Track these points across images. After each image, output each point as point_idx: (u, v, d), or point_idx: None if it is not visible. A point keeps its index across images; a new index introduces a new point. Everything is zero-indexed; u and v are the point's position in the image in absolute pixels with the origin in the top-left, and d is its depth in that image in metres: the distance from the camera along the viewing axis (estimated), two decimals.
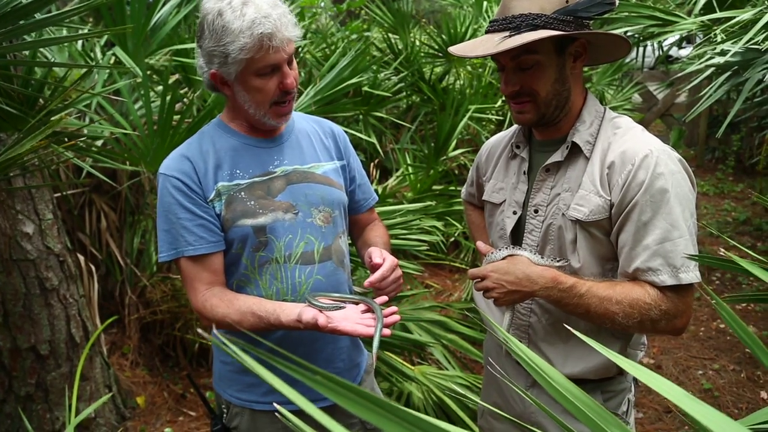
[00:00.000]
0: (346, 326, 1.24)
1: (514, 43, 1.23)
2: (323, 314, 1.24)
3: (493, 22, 1.33)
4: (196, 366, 3.34)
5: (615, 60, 1.50)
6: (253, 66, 1.32)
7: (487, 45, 1.28)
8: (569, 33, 1.27)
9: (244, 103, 1.39)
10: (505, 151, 1.58)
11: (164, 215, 1.41)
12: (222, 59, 1.31)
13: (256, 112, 1.40)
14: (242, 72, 1.33)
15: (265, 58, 1.31)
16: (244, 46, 1.28)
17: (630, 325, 1.28)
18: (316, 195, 1.49)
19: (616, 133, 1.35)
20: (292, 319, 1.28)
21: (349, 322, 1.26)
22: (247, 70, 1.33)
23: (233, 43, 1.28)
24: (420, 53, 4.95)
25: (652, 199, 1.26)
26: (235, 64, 1.31)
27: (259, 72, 1.33)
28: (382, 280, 1.37)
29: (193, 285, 1.43)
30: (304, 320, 1.24)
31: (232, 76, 1.34)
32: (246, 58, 1.29)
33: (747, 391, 3.29)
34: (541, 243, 1.43)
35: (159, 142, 2.63)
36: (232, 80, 1.36)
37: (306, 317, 1.24)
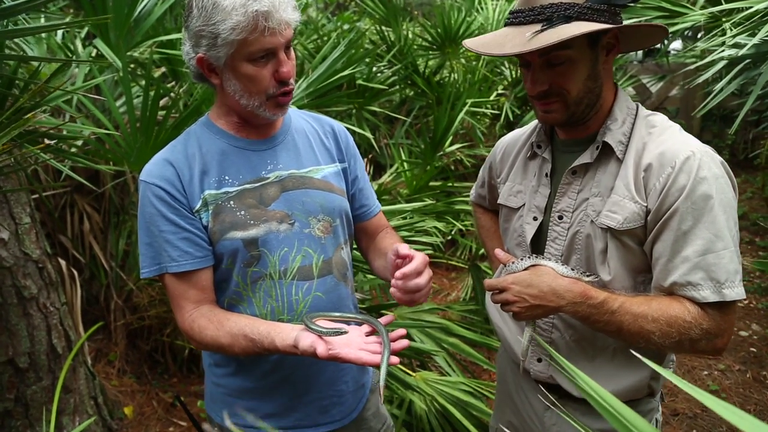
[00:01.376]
0: (349, 353, 1.10)
1: (552, 40, 1.09)
2: (322, 341, 1.10)
3: (517, 12, 1.19)
4: (187, 372, 3.20)
5: (644, 48, 1.37)
6: (246, 49, 1.17)
7: (516, 41, 1.14)
8: (609, 27, 1.14)
9: (234, 94, 1.24)
10: (523, 151, 1.46)
11: (145, 227, 1.27)
12: (211, 41, 1.17)
13: (249, 103, 1.24)
14: (233, 56, 1.18)
15: (260, 41, 1.16)
16: (237, 26, 1.13)
17: (666, 345, 1.16)
18: (315, 203, 1.34)
19: (652, 132, 1.23)
20: (288, 344, 1.15)
21: (351, 349, 1.11)
22: (239, 54, 1.18)
23: (224, 22, 1.13)
24: (413, 46, 4.81)
25: (693, 206, 1.14)
26: (225, 46, 1.16)
27: (252, 56, 1.18)
28: (416, 275, 1.18)
29: (178, 303, 1.28)
30: (301, 348, 1.10)
31: (221, 60, 1.19)
32: (238, 39, 1.14)
33: (754, 392, 3.21)
34: (566, 252, 1.30)
35: (143, 140, 2.48)
36: (221, 66, 1.21)
37: (303, 344, 1.10)
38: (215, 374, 1.41)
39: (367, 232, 1.55)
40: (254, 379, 1.36)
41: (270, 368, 1.34)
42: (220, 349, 1.24)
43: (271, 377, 1.35)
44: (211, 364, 1.42)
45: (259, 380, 1.35)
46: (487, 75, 5.31)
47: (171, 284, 1.28)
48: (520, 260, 1.25)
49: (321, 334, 1.11)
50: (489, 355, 3.53)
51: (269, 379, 1.35)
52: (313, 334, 1.11)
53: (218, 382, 1.41)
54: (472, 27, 4.96)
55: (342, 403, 1.42)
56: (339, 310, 1.37)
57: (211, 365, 1.42)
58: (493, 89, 5.23)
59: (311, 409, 1.38)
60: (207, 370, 1.45)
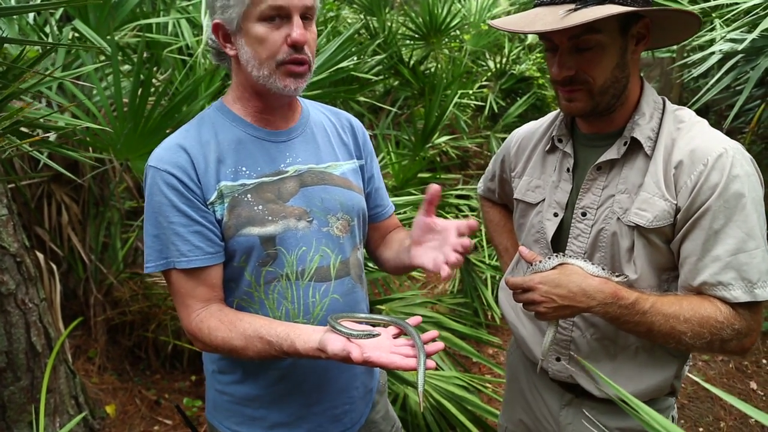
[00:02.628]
0: (381, 357, 1.00)
1: (585, 19, 1.04)
2: (354, 343, 1.02)
3: None
4: (170, 368, 3.10)
5: (676, 43, 1.34)
6: (257, 8, 1.09)
7: (548, 19, 1.10)
8: (643, 9, 1.10)
9: (246, 64, 1.15)
10: (541, 144, 1.41)
11: (153, 217, 1.17)
12: (224, 1, 1.10)
13: (259, 74, 1.14)
14: (245, 16, 1.10)
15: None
16: None
17: (697, 345, 1.13)
18: (334, 200, 1.27)
19: (680, 128, 1.20)
20: (311, 347, 1.06)
21: (382, 352, 1.02)
22: (251, 14, 1.10)
23: None
24: (397, 35, 4.75)
25: (726, 204, 1.11)
26: (238, 5, 1.09)
27: (263, 15, 1.09)
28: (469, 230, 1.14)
29: (185, 302, 1.19)
30: (331, 352, 1.00)
31: (234, 23, 1.11)
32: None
33: (737, 382, 3.27)
34: (590, 250, 1.27)
35: (131, 127, 2.37)
36: (234, 30, 1.13)
37: (334, 347, 1.00)
38: (219, 381, 1.33)
39: (380, 232, 1.48)
40: (263, 386, 1.28)
41: (280, 375, 1.26)
42: (232, 352, 1.16)
43: (282, 385, 1.27)
44: (215, 371, 1.33)
45: (268, 388, 1.28)
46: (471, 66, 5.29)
47: (178, 281, 1.19)
48: (548, 259, 1.20)
49: (350, 336, 1.03)
50: (478, 348, 3.51)
51: (279, 386, 1.27)
52: (342, 337, 1.03)
53: (223, 389, 1.32)
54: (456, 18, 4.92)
55: (353, 410, 1.35)
56: (355, 312, 1.30)
57: (215, 372, 1.33)
58: (477, 81, 5.21)
59: (323, 419, 1.31)
60: (210, 377, 1.37)
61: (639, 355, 1.27)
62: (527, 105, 5.02)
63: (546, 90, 5.25)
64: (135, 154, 2.50)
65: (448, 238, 1.15)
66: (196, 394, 2.95)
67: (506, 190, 1.59)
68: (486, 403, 2.66)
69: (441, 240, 1.18)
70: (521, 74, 5.24)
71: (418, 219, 1.20)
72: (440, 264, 1.12)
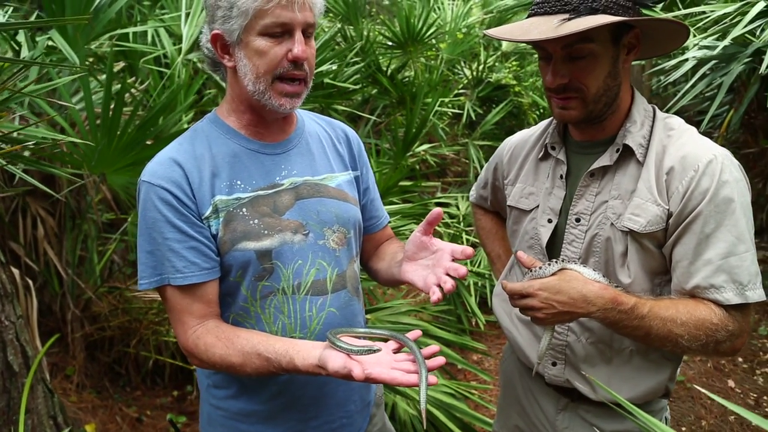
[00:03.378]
0: (382, 373, 0.98)
1: (579, 27, 1.07)
2: (355, 361, 0.99)
3: (543, 3, 1.17)
4: (151, 384, 3.04)
5: (665, 53, 1.37)
6: (261, 21, 1.09)
7: (543, 28, 1.12)
8: (634, 19, 1.12)
9: (244, 77, 1.14)
10: (534, 152, 1.43)
11: (147, 233, 1.15)
12: (226, 12, 1.09)
13: (255, 89, 1.14)
14: (247, 29, 1.10)
15: (275, 13, 1.08)
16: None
17: (693, 347, 1.15)
18: (330, 212, 1.26)
19: (671, 135, 1.23)
20: (310, 363, 1.04)
21: (383, 368, 1.00)
22: (253, 27, 1.09)
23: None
24: (375, 44, 4.76)
25: (717, 209, 1.14)
26: (240, 16, 1.08)
27: (266, 30, 1.09)
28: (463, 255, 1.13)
29: (181, 319, 1.17)
30: (332, 369, 0.99)
31: (234, 34, 1.11)
32: (254, 6, 1.07)
33: (716, 380, 3.35)
34: (584, 255, 1.28)
35: (105, 142, 2.31)
36: (234, 42, 1.12)
37: (334, 365, 0.98)
38: (215, 396, 1.30)
39: (374, 243, 1.47)
40: (259, 401, 1.26)
41: (277, 390, 1.24)
42: (230, 368, 1.14)
43: (279, 400, 1.25)
44: (210, 385, 1.30)
45: (265, 403, 1.26)
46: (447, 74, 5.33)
47: (173, 297, 1.17)
48: (547, 265, 1.20)
49: (350, 352, 1.01)
50: (463, 354, 3.52)
51: (276, 401, 1.25)
52: (342, 354, 1.01)
53: (218, 404, 1.30)
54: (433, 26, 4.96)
55: (351, 423, 1.34)
56: (352, 325, 1.29)
57: (210, 386, 1.31)
58: (454, 89, 5.26)
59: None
60: (204, 392, 1.34)
61: (634, 358, 1.29)
62: (504, 112, 5.08)
63: (522, 98, 5.33)
64: (111, 169, 2.45)
65: (442, 259, 1.14)
66: (179, 410, 2.89)
67: (499, 197, 1.60)
68: (473, 409, 2.67)
69: (434, 260, 1.17)
70: (498, 82, 5.30)
71: (415, 236, 1.20)
72: (430, 285, 1.11)
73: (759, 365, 3.54)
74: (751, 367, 3.53)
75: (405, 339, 1.09)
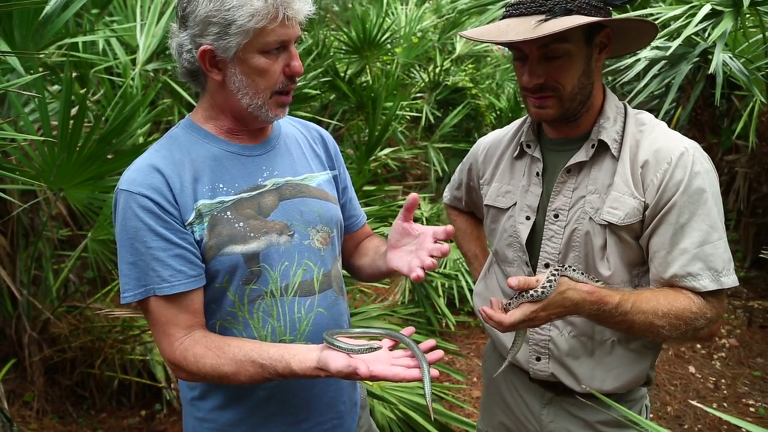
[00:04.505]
0: (384, 370, 0.98)
1: (556, 28, 1.09)
2: (357, 359, 0.99)
3: (518, 4, 1.19)
4: (117, 405, 2.92)
5: (635, 50, 1.42)
6: (261, 39, 1.07)
7: (520, 29, 1.14)
8: (608, 20, 1.16)
9: (237, 92, 1.13)
10: (509, 150, 1.45)
11: (129, 244, 1.11)
12: (222, 29, 1.06)
13: (252, 102, 1.13)
14: (246, 47, 1.08)
15: (276, 31, 1.07)
16: (256, 12, 1.04)
17: (674, 336, 1.18)
18: (313, 212, 1.25)
19: (642, 130, 1.27)
20: (309, 366, 1.03)
21: (384, 365, 1.01)
22: (253, 45, 1.08)
23: (242, 8, 1.03)
24: (332, 49, 4.75)
25: (690, 199, 1.18)
26: (239, 35, 1.06)
27: (266, 48, 1.09)
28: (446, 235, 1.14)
29: (166, 331, 1.13)
30: (335, 369, 0.98)
31: (230, 52, 1.08)
32: (256, 27, 1.05)
33: (678, 367, 3.47)
34: (564, 250, 1.31)
35: (65, 156, 2.22)
36: (229, 59, 1.10)
37: (337, 365, 0.97)
38: (200, 409, 1.26)
39: (354, 241, 1.48)
40: (249, 408, 1.23)
41: (267, 395, 1.22)
42: (222, 379, 1.11)
43: (269, 405, 1.23)
44: (194, 398, 1.26)
45: (254, 410, 1.23)
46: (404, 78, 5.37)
47: (158, 309, 1.13)
48: (541, 288, 1.11)
49: (351, 352, 1.00)
50: None
51: (266, 406, 1.23)
52: (343, 354, 1.00)
53: (204, 416, 1.26)
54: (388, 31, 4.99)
55: (341, 424, 1.33)
56: (339, 324, 1.28)
57: (194, 399, 1.27)
58: (411, 93, 5.30)
59: None
60: (188, 405, 1.30)
61: (615, 349, 1.32)
62: (462, 115, 5.15)
63: (479, 100, 5.41)
64: (70, 184, 2.35)
65: (424, 242, 1.16)
66: (148, 430, 2.80)
67: (473, 197, 1.61)
68: (448, 409, 2.68)
69: (417, 244, 1.18)
70: (454, 85, 5.37)
71: (397, 224, 1.21)
72: (414, 268, 1.13)
73: (716, 350, 3.69)
74: (708, 352, 3.67)
75: (401, 336, 1.10)
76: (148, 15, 2.98)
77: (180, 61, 1.16)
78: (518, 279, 1.12)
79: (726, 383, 3.35)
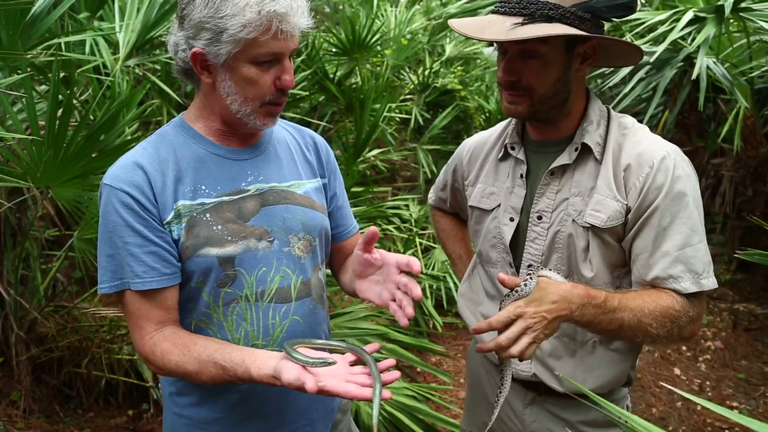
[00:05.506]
0: (337, 386, 0.99)
1: (527, 34, 1.12)
2: (309, 373, 0.99)
3: (504, 2, 1.21)
4: (104, 405, 2.92)
5: (618, 66, 1.44)
6: (253, 50, 1.09)
7: (496, 29, 1.16)
8: (586, 34, 1.17)
9: (226, 97, 1.14)
10: (493, 152, 1.47)
11: (107, 237, 1.13)
12: (214, 35, 1.07)
13: (240, 109, 1.15)
14: (236, 56, 1.09)
15: (269, 44, 1.09)
16: (249, 23, 1.05)
17: (661, 335, 1.19)
18: (296, 219, 1.25)
19: (625, 134, 1.29)
20: (265, 373, 1.03)
21: (338, 381, 1.01)
22: (243, 55, 1.09)
23: (234, 17, 1.05)
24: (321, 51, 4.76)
25: (672, 203, 1.20)
26: (230, 43, 1.07)
27: (258, 59, 1.10)
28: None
29: (139, 324, 1.16)
30: (285, 381, 0.98)
31: (221, 58, 1.10)
32: (247, 38, 1.06)
33: (663, 369, 3.51)
34: (547, 252, 1.33)
35: (51, 154, 2.22)
36: (219, 64, 1.11)
37: (288, 377, 0.98)
38: (177, 404, 1.28)
39: (342, 253, 1.47)
40: (222, 409, 1.24)
41: (239, 398, 1.23)
42: (186, 376, 1.13)
43: (241, 408, 1.24)
44: (173, 392, 1.28)
45: (227, 411, 1.24)
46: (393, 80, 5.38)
47: (132, 302, 1.15)
48: (524, 284, 1.13)
49: (306, 364, 1.00)
50: (422, 357, 3.55)
51: (239, 409, 1.24)
52: (297, 366, 1.00)
53: (180, 412, 1.28)
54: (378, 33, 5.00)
55: (313, 430, 1.34)
56: (316, 334, 1.29)
57: (172, 394, 1.28)
58: (401, 94, 5.31)
59: None
60: (167, 400, 1.32)
61: (597, 349, 1.34)
62: (451, 117, 5.17)
63: (468, 102, 5.44)
64: (57, 182, 2.35)
65: (390, 274, 1.14)
66: (135, 429, 2.79)
67: (458, 198, 1.63)
68: (435, 410, 2.69)
69: (383, 274, 1.16)
70: (444, 87, 5.39)
71: (357, 254, 1.19)
72: (386, 301, 1.13)
73: (701, 352, 3.73)
74: (694, 354, 3.72)
75: (362, 352, 1.10)
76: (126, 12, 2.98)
77: (175, 59, 1.17)
78: (509, 276, 1.14)
79: (711, 385, 3.40)
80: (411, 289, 1.08)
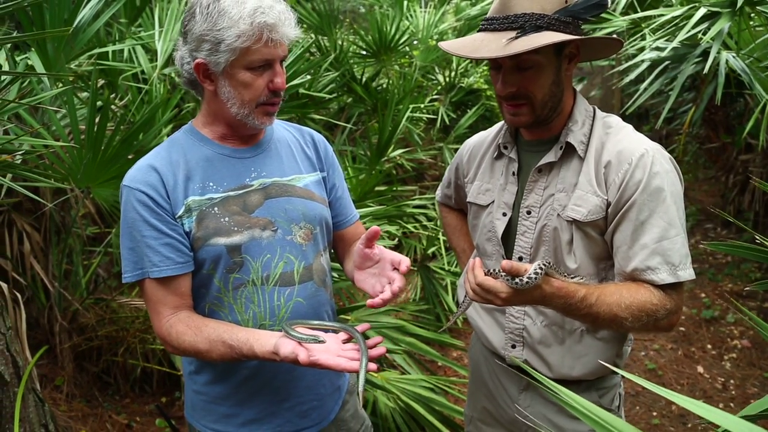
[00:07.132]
0: (328, 360, 1.15)
1: (525, 47, 1.19)
2: (303, 347, 1.14)
3: (492, 20, 1.29)
4: (140, 392, 3.11)
5: (603, 57, 1.51)
6: (247, 58, 1.23)
7: (492, 46, 1.24)
8: (574, 37, 1.25)
9: (227, 101, 1.29)
10: (489, 151, 1.55)
11: (128, 232, 1.29)
12: (213, 46, 1.22)
13: (239, 111, 1.29)
14: (233, 63, 1.24)
15: (261, 51, 1.23)
16: (242, 34, 1.19)
17: (636, 327, 1.26)
18: (297, 210, 1.39)
19: (609, 132, 1.36)
20: (267, 350, 1.19)
21: (330, 355, 1.16)
22: (239, 62, 1.24)
23: (230, 29, 1.19)
24: (348, 53, 4.88)
25: (649, 198, 1.26)
26: (227, 52, 1.22)
27: (251, 65, 1.25)
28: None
29: (156, 309, 1.31)
30: (282, 354, 1.14)
31: (220, 66, 1.24)
32: (241, 47, 1.21)
33: (686, 367, 3.49)
34: (535, 244, 1.41)
35: (90, 156, 2.40)
36: (219, 72, 1.26)
37: (284, 351, 1.14)
38: (196, 382, 1.43)
39: (345, 241, 1.59)
40: (233, 385, 1.39)
41: (249, 374, 1.37)
42: (198, 354, 1.27)
43: (251, 383, 1.38)
44: (192, 372, 1.43)
45: (238, 386, 1.39)
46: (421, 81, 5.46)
47: (150, 289, 1.30)
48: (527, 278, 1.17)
49: (300, 340, 1.15)
50: (443, 351, 3.63)
51: (249, 385, 1.38)
52: (293, 341, 1.15)
53: (199, 389, 1.42)
54: (405, 34, 5.09)
55: (321, 406, 1.46)
56: (318, 315, 1.42)
57: (192, 373, 1.43)
58: (428, 95, 5.39)
59: (292, 414, 1.42)
60: (187, 379, 1.46)
61: (584, 337, 1.41)
62: (477, 116, 5.22)
63: (494, 101, 5.47)
64: (96, 182, 2.53)
65: (384, 269, 1.31)
66: (169, 415, 2.96)
67: (461, 195, 1.72)
68: (453, 403, 2.77)
69: (380, 268, 1.33)
70: (470, 87, 5.45)
71: (358, 248, 1.34)
72: (377, 293, 1.28)
73: (726, 351, 3.69)
74: (719, 353, 3.68)
75: (352, 330, 1.25)
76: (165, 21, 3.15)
77: (182, 72, 1.32)
78: (511, 263, 1.17)
79: (735, 384, 3.37)
80: (394, 280, 1.25)
